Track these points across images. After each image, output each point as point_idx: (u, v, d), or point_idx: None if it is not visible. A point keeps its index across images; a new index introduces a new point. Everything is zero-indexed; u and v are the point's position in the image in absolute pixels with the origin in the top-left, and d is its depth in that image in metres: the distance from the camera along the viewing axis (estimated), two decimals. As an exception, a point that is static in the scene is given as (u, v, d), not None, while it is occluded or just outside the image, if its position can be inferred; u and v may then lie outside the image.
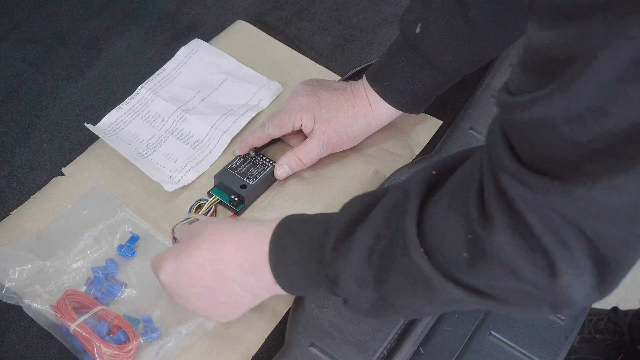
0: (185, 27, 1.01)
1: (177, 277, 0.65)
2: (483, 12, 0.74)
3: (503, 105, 0.45)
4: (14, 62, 0.95)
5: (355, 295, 0.57)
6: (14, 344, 0.70)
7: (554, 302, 0.48)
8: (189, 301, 0.66)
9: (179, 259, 0.65)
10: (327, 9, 1.04)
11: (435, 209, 0.52)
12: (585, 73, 0.38)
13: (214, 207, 0.80)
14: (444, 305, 0.54)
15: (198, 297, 0.65)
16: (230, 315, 0.67)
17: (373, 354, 0.67)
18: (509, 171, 0.45)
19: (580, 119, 0.40)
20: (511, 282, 0.48)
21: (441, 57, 0.77)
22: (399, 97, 0.81)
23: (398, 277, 0.53)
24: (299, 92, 0.82)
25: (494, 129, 0.47)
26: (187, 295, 0.66)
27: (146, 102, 0.90)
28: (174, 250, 0.66)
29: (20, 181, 0.83)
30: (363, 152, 0.86)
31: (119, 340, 0.68)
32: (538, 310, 0.50)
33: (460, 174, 0.52)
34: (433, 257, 0.51)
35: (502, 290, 0.49)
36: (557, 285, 0.46)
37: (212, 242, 0.64)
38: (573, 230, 0.44)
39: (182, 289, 0.65)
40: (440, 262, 0.50)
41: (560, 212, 0.43)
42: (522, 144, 0.44)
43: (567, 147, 0.41)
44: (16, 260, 0.73)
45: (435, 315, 0.70)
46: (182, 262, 0.64)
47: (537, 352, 0.70)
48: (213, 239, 0.64)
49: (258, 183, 0.81)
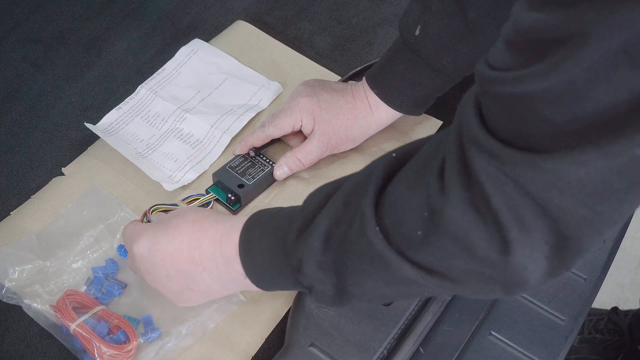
0: (185, 27, 1.01)
1: (150, 253, 0.65)
2: (482, 14, 0.74)
3: (483, 78, 0.44)
4: (14, 62, 0.95)
5: (319, 281, 0.57)
6: (14, 344, 0.70)
7: (506, 282, 0.48)
8: (156, 279, 0.66)
9: (156, 237, 0.65)
10: (327, 9, 1.04)
11: (396, 188, 0.52)
12: (573, 57, 0.38)
13: (212, 204, 0.80)
14: (402, 286, 0.54)
15: (167, 278, 0.66)
16: (193, 301, 0.68)
17: (373, 354, 0.67)
18: (478, 142, 0.44)
19: (562, 101, 0.40)
20: (464, 259, 0.48)
21: (441, 59, 0.77)
22: (399, 99, 0.81)
23: (356, 259, 0.54)
24: (300, 93, 0.82)
25: (466, 101, 0.47)
26: (156, 273, 0.66)
27: (146, 102, 0.90)
28: (153, 227, 0.67)
29: (20, 181, 0.83)
30: (363, 152, 0.86)
31: (119, 340, 0.68)
32: (492, 291, 0.50)
33: (422, 152, 0.52)
34: (390, 236, 0.51)
35: (455, 270, 0.49)
36: (508, 263, 0.46)
37: (194, 230, 0.65)
38: (534, 210, 0.43)
39: (153, 265, 0.66)
40: (396, 240, 0.51)
41: (526, 188, 0.43)
42: (496, 116, 0.44)
43: (543, 125, 0.41)
44: (16, 260, 0.73)
45: (435, 315, 0.71)
46: (158, 240, 0.65)
47: (537, 352, 0.71)
48: (195, 226, 0.65)
49: (256, 183, 0.81)
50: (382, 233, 0.51)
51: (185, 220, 0.66)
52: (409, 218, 0.49)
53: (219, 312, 0.71)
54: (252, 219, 0.63)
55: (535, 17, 0.40)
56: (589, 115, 0.40)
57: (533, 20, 0.40)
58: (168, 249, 0.65)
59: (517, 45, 0.42)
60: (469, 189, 0.45)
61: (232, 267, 0.63)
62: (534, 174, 0.43)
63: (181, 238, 0.65)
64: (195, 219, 0.66)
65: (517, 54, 0.42)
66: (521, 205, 0.44)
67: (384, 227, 0.51)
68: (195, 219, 0.66)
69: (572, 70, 0.39)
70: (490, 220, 0.45)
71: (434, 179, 0.48)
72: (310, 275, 0.57)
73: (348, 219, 0.54)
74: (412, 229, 0.49)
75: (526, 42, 0.41)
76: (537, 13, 0.40)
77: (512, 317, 0.73)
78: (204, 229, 0.65)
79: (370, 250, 0.52)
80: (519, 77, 0.41)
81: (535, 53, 0.40)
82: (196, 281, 0.65)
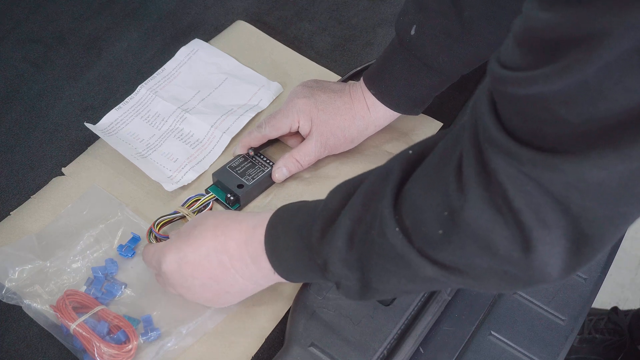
0: (185, 27, 1.01)
1: (180, 267, 0.66)
2: (478, 13, 0.74)
3: (496, 77, 0.44)
4: (14, 62, 0.95)
5: (345, 278, 0.58)
6: (14, 344, 0.70)
7: (528, 279, 0.48)
8: (191, 291, 0.67)
9: (182, 250, 0.66)
10: (327, 9, 1.04)
11: (414, 187, 0.52)
12: (587, 58, 0.38)
13: (211, 204, 0.80)
14: (425, 283, 0.54)
15: (202, 287, 0.66)
16: (232, 301, 0.69)
17: (373, 354, 0.67)
18: (496, 142, 0.44)
19: (577, 101, 0.40)
20: (485, 258, 0.48)
21: (437, 59, 0.77)
22: (396, 99, 0.81)
23: (378, 259, 0.54)
24: (297, 94, 0.82)
25: (481, 97, 0.47)
26: (190, 285, 0.66)
27: (146, 102, 0.90)
28: (175, 242, 0.67)
29: (20, 181, 0.83)
30: (363, 153, 0.86)
31: (119, 340, 0.68)
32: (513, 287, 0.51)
33: (439, 149, 0.52)
34: (410, 236, 0.51)
35: (476, 268, 0.49)
36: (531, 261, 0.46)
37: (217, 235, 0.65)
38: (555, 208, 0.43)
39: (185, 279, 0.66)
40: (417, 240, 0.51)
41: (546, 187, 0.43)
42: (513, 116, 0.44)
43: (560, 125, 0.41)
44: (16, 260, 0.73)
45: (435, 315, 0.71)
46: (185, 253, 0.66)
47: (537, 352, 0.70)
48: (218, 231, 0.65)
49: (255, 183, 0.81)
50: (402, 233, 0.51)
51: (207, 227, 0.66)
52: (429, 217, 0.50)
53: (219, 312, 0.71)
54: (276, 216, 0.64)
55: (545, 17, 0.40)
56: (605, 116, 0.40)
57: (545, 21, 0.40)
58: (196, 259, 0.65)
59: (529, 45, 0.42)
60: (488, 188, 0.45)
61: (260, 265, 0.64)
62: (554, 174, 0.43)
63: (207, 245, 0.65)
64: (217, 224, 0.66)
65: (529, 54, 0.42)
66: (542, 204, 0.44)
67: (404, 227, 0.51)
68: (216, 223, 0.66)
69: (586, 71, 0.38)
70: (511, 220, 0.45)
71: (452, 177, 0.48)
72: (336, 273, 0.58)
73: (369, 220, 0.54)
74: (432, 229, 0.49)
75: (538, 41, 0.41)
76: (549, 13, 0.39)
77: (512, 317, 0.73)
78: (227, 231, 0.65)
79: (392, 250, 0.52)
80: (532, 78, 0.41)
81: (548, 53, 0.40)
82: (231, 284, 0.66)
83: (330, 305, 0.70)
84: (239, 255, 0.64)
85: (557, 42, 0.39)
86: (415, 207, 0.51)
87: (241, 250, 0.64)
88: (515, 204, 0.44)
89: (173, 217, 0.76)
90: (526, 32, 0.42)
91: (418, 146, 0.55)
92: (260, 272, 0.65)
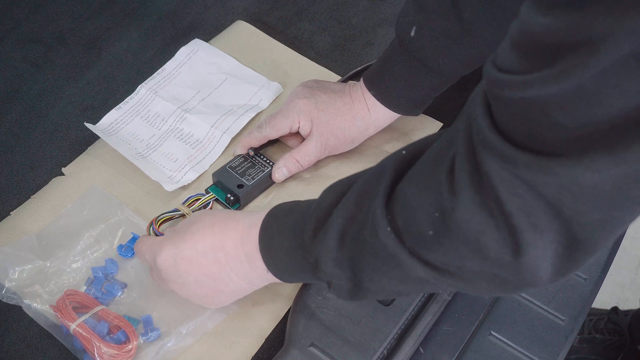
0: (185, 27, 1.01)
1: (176, 263, 0.66)
2: (478, 14, 0.74)
3: (492, 80, 0.44)
4: (14, 62, 0.95)
5: (336, 277, 0.58)
6: (14, 344, 0.70)
7: (518, 282, 0.48)
8: (185, 287, 0.67)
9: (178, 246, 0.66)
10: (327, 9, 1.04)
11: (407, 187, 0.52)
12: (584, 62, 0.38)
13: (211, 204, 0.80)
14: (416, 284, 0.54)
15: (196, 284, 0.66)
16: (225, 302, 0.69)
17: (373, 354, 0.67)
18: (490, 144, 0.44)
19: (573, 106, 0.40)
20: (475, 261, 0.48)
21: (437, 60, 0.77)
22: (396, 100, 0.81)
23: (369, 258, 0.54)
24: (297, 94, 0.83)
25: (475, 99, 0.46)
26: (184, 281, 0.66)
27: (146, 102, 0.90)
28: (172, 237, 0.67)
29: (20, 181, 0.83)
30: (363, 153, 0.86)
31: (119, 340, 0.68)
32: (503, 290, 0.50)
33: (432, 150, 0.52)
34: (402, 236, 0.51)
35: (466, 271, 0.49)
36: (521, 264, 0.46)
37: (215, 233, 0.65)
38: (547, 212, 0.43)
39: (180, 275, 0.66)
40: (408, 240, 0.51)
41: (539, 190, 0.43)
42: (508, 119, 0.44)
43: (555, 129, 0.41)
44: (16, 260, 0.73)
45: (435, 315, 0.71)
46: (182, 249, 0.66)
47: (537, 352, 0.71)
48: (216, 229, 0.65)
49: (255, 184, 0.81)
50: (394, 233, 0.51)
51: (205, 225, 0.66)
52: (421, 218, 0.49)
53: (219, 312, 0.71)
54: (270, 215, 0.64)
55: (542, 21, 0.40)
56: (601, 120, 0.39)
57: (543, 25, 0.40)
58: (193, 255, 0.65)
59: (526, 48, 0.42)
60: (480, 190, 0.45)
61: (254, 264, 0.64)
62: (547, 177, 0.42)
63: (204, 242, 0.65)
64: (214, 222, 0.66)
65: (525, 57, 0.42)
66: (534, 207, 0.43)
67: (396, 227, 0.51)
68: (214, 221, 0.66)
69: (583, 75, 0.38)
70: (503, 223, 0.45)
71: (445, 178, 0.48)
72: (327, 272, 0.58)
73: (361, 219, 0.54)
74: (423, 229, 0.49)
75: (535, 45, 0.41)
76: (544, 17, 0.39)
77: (512, 317, 0.73)
78: (224, 230, 0.65)
79: (383, 250, 0.52)
80: (528, 81, 0.41)
81: (544, 57, 0.40)
82: (225, 282, 0.66)
83: (330, 305, 0.70)
84: (235, 254, 0.64)
85: (555, 47, 0.39)
86: (408, 207, 0.51)
87: (237, 249, 0.64)
88: (507, 207, 0.44)
89: (173, 214, 0.77)
90: (523, 35, 0.42)
91: (412, 146, 0.55)
92: (255, 272, 0.65)
